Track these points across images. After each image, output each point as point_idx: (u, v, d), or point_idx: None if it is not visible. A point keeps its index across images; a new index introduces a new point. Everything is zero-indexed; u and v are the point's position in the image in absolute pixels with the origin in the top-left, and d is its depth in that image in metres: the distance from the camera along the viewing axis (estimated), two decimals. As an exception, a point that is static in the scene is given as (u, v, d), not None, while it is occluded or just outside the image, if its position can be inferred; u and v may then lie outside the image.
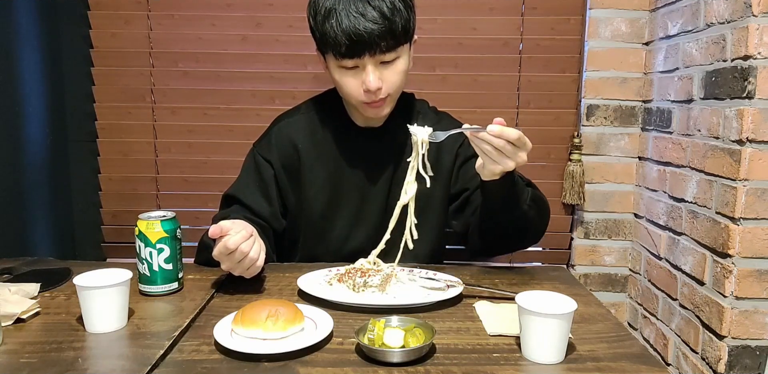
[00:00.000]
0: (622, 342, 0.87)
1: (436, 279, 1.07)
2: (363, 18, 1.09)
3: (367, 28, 1.09)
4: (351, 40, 1.10)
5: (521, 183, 1.15)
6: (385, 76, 1.16)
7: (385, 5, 1.11)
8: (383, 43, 1.11)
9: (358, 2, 1.11)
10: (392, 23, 1.11)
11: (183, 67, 1.83)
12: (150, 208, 1.80)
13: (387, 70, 1.16)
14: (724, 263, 1.30)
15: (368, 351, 0.79)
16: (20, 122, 1.60)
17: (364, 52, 1.11)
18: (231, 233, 0.98)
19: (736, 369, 1.30)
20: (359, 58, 1.12)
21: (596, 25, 1.75)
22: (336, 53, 1.13)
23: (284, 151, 1.30)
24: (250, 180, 1.31)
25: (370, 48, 1.11)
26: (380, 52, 1.12)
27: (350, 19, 1.09)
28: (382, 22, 1.10)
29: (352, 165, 1.29)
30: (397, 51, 1.15)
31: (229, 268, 1.02)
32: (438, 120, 1.35)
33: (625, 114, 1.79)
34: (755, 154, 1.24)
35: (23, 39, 1.62)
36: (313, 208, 1.30)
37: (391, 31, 1.11)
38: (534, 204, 1.16)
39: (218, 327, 0.85)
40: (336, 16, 1.10)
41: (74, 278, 0.87)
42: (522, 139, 1.01)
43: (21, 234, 1.61)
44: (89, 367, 0.76)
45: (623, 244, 1.85)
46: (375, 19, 1.10)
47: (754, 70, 1.22)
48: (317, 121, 1.32)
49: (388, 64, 1.16)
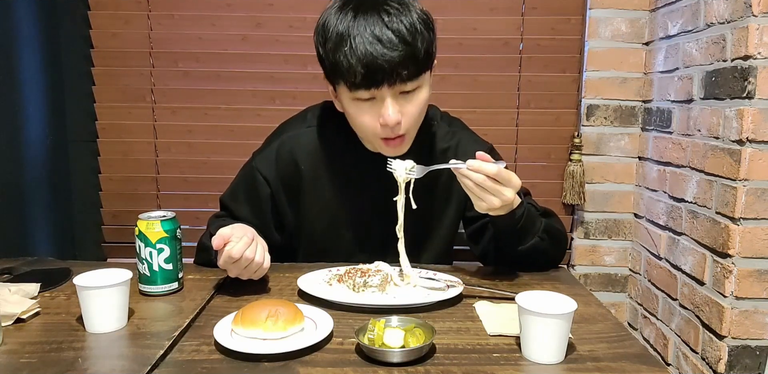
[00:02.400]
0: (622, 342, 0.87)
1: (436, 279, 1.07)
2: (380, 43, 0.98)
3: (386, 55, 0.98)
4: (367, 68, 0.98)
5: (533, 214, 1.11)
6: (405, 109, 1.05)
7: (404, 27, 0.99)
8: (404, 71, 0.99)
9: (374, 25, 0.99)
10: (413, 48, 1.00)
11: (183, 67, 1.83)
12: (150, 208, 1.80)
13: (407, 101, 1.05)
14: (724, 263, 1.30)
15: (368, 351, 0.79)
16: (20, 122, 1.60)
17: (383, 82, 1.00)
18: (233, 239, 0.98)
19: (736, 369, 1.30)
20: (377, 88, 1.01)
21: (596, 25, 1.75)
22: (350, 84, 1.02)
23: (285, 169, 1.21)
24: (243, 194, 1.23)
25: (389, 77, 0.99)
26: (400, 82, 1.01)
27: (366, 45, 0.98)
28: (402, 47, 0.99)
29: (357, 188, 1.19)
30: (419, 79, 1.04)
31: (237, 275, 1.02)
32: (452, 136, 1.25)
33: (625, 114, 1.79)
34: (755, 154, 1.24)
35: (23, 39, 1.62)
36: (313, 229, 1.23)
37: (413, 57, 1.00)
38: (547, 235, 1.12)
39: (218, 327, 0.85)
40: (350, 41, 0.99)
41: (74, 278, 0.87)
42: (503, 174, 0.96)
43: (21, 234, 1.61)
44: (89, 367, 0.76)
45: (623, 244, 1.85)
46: (394, 44, 0.98)
47: (754, 70, 1.22)
48: (323, 137, 1.21)
49: (408, 94, 1.04)
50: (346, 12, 1.02)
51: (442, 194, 1.10)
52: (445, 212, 1.24)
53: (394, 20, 1.00)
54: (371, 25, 0.99)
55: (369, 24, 0.99)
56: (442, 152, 1.22)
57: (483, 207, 1.00)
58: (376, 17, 1.00)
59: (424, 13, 1.05)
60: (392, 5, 1.02)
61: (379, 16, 1.00)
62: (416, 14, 1.03)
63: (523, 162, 1.86)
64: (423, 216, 1.13)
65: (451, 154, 1.22)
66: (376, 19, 1.00)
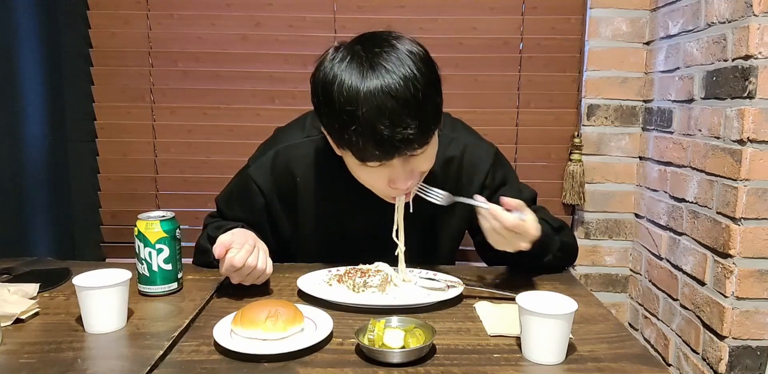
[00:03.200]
0: (622, 342, 0.86)
1: (436, 279, 1.07)
2: (391, 121, 0.91)
3: (399, 135, 0.92)
4: (380, 149, 0.93)
5: (549, 235, 1.09)
6: (417, 166, 1.01)
7: (411, 94, 0.91)
8: (416, 144, 0.95)
9: (383, 98, 0.90)
10: (425, 117, 0.94)
11: (182, 67, 1.82)
12: (149, 208, 1.80)
13: (417, 160, 1.00)
14: (724, 263, 1.30)
15: (368, 351, 0.79)
16: (19, 122, 1.60)
17: (393, 155, 0.95)
18: (234, 246, 0.97)
19: (737, 369, 1.30)
20: (388, 161, 0.96)
21: (597, 24, 1.75)
22: (359, 157, 0.97)
23: (281, 180, 1.17)
24: (238, 201, 1.21)
25: (400, 152, 0.95)
26: (411, 151, 0.96)
27: (377, 126, 0.91)
28: (415, 123, 0.92)
29: (356, 205, 1.14)
30: (430, 141, 0.99)
31: (239, 281, 1.01)
32: (456, 143, 1.20)
33: (625, 114, 1.79)
34: (756, 153, 1.24)
35: (23, 39, 1.61)
36: (310, 241, 1.22)
37: (426, 130, 0.95)
38: (561, 253, 1.14)
39: (218, 328, 0.85)
40: (358, 122, 0.92)
41: (73, 278, 0.87)
42: (519, 228, 0.92)
43: (20, 234, 1.61)
44: (88, 368, 0.76)
45: (624, 244, 1.85)
46: (406, 122, 0.91)
47: (755, 69, 1.21)
48: (321, 149, 1.15)
49: (419, 153, 0.99)
50: (349, 72, 0.93)
51: (445, 208, 1.08)
52: (450, 223, 1.22)
53: (400, 87, 0.91)
54: (379, 95, 0.91)
55: (376, 95, 0.91)
56: (446, 162, 1.18)
57: (496, 247, 0.99)
58: (382, 81, 0.92)
59: (424, 64, 0.96)
60: (393, 61, 0.93)
61: (384, 80, 0.92)
62: (421, 72, 0.94)
63: (523, 162, 1.86)
64: (426, 228, 1.12)
65: (455, 164, 1.18)
66: (382, 84, 0.91)
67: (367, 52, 0.94)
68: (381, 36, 0.99)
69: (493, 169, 1.19)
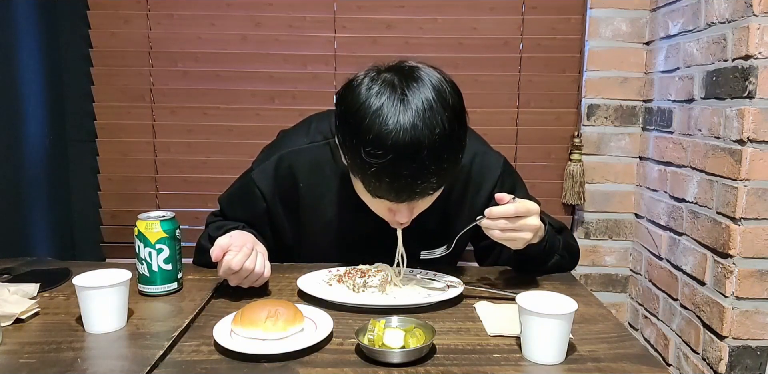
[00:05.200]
0: (622, 342, 0.86)
1: (437, 279, 1.07)
2: (413, 176, 0.90)
3: (417, 188, 0.92)
4: (393, 193, 0.93)
5: (552, 234, 1.09)
6: (420, 206, 1.00)
7: (438, 151, 0.89)
8: (431, 192, 0.96)
9: (412, 151, 0.88)
10: (446, 173, 0.94)
11: (182, 67, 1.82)
12: (149, 208, 1.79)
13: (425, 200, 0.99)
14: (724, 263, 1.30)
15: (368, 351, 0.79)
16: (20, 122, 1.60)
17: (404, 201, 0.96)
18: (232, 249, 0.97)
19: (737, 369, 1.30)
20: (396, 203, 0.97)
21: (597, 24, 1.75)
22: (368, 191, 0.97)
23: (283, 185, 1.16)
24: (240, 205, 1.20)
25: (411, 199, 0.95)
26: (422, 198, 0.97)
27: (397, 174, 0.90)
28: (435, 178, 0.92)
29: (359, 211, 1.09)
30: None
31: (237, 284, 1.01)
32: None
33: (625, 114, 1.79)
34: (756, 153, 1.24)
35: (23, 39, 1.62)
36: (313, 247, 1.21)
37: (442, 182, 0.96)
38: (566, 252, 1.14)
39: (218, 328, 0.85)
40: (380, 165, 0.89)
41: (73, 278, 0.87)
42: (520, 209, 0.94)
43: (20, 235, 1.61)
44: (88, 368, 0.76)
45: (624, 244, 1.85)
46: (427, 176, 0.91)
47: (755, 69, 1.21)
48: (325, 156, 1.15)
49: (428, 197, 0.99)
50: (384, 113, 0.89)
51: (452, 216, 1.07)
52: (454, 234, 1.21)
53: (430, 142, 0.89)
54: (408, 147, 0.88)
55: (406, 146, 0.88)
56: None
57: (519, 245, 0.99)
58: (413, 132, 0.88)
59: (457, 117, 0.94)
60: (428, 111, 0.90)
61: (416, 131, 0.88)
62: (453, 127, 0.92)
63: (523, 162, 1.86)
64: (430, 239, 1.10)
65: (464, 171, 1.16)
66: (413, 136, 0.88)
67: (404, 92, 0.91)
68: (419, 73, 0.95)
69: (502, 178, 1.19)
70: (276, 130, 1.32)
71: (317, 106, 1.71)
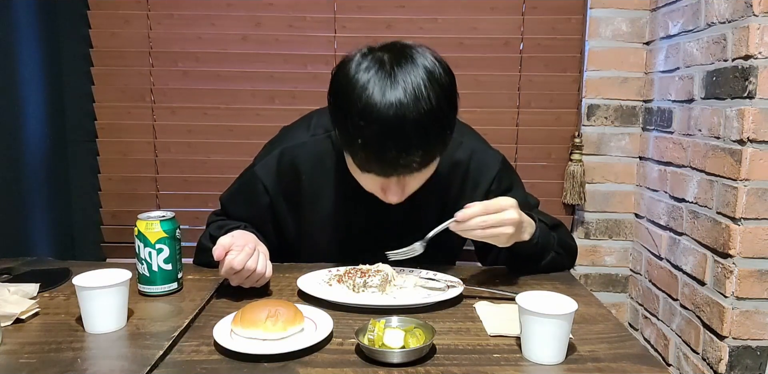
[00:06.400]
0: (622, 342, 0.86)
1: (436, 279, 1.07)
2: (398, 148, 0.91)
3: (402, 160, 0.93)
4: (380, 167, 0.95)
5: (545, 231, 1.10)
6: (409, 185, 1.01)
7: (423, 123, 0.91)
8: (415, 170, 0.97)
9: (395, 122, 0.90)
10: (432, 147, 0.95)
11: (183, 67, 1.82)
12: (149, 208, 1.80)
13: (412, 179, 1.00)
14: (724, 263, 1.30)
15: (368, 351, 0.79)
16: (20, 122, 1.60)
17: (391, 175, 0.97)
18: (234, 249, 0.97)
19: (737, 369, 1.30)
20: (384, 177, 0.98)
21: (597, 24, 1.75)
22: (357, 166, 0.99)
23: (286, 179, 1.17)
24: (243, 201, 1.21)
25: (398, 173, 0.97)
26: (408, 174, 0.98)
27: (383, 147, 0.91)
28: (420, 152, 0.93)
29: (362, 204, 1.11)
30: (429, 166, 1.00)
31: (238, 284, 1.01)
32: (463, 148, 1.18)
33: (625, 114, 1.79)
34: (756, 153, 1.24)
35: (23, 39, 1.62)
36: (315, 241, 1.21)
37: (429, 158, 0.97)
38: (562, 249, 1.14)
39: (218, 328, 0.85)
40: (366, 138, 0.92)
41: (73, 278, 0.87)
42: (490, 207, 0.95)
43: (20, 234, 1.61)
44: (88, 368, 0.76)
45: (624, 244, 1.85)
46: (412, 149, 0.92)
47: (755, 69, 1.21)
48: (326, 148, 1.16)
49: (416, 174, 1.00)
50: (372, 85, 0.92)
51: (449, 212, 1.07)
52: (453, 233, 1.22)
53: (415, 114, 0.90)
54: (392, 119, 0.90)
55: (390, 117, 0.90)
56: (453, 166, 1.16)
57: (504, 240, 0.99)
58: (399, 104, 0.90)
59: (446, 93, 0.96)
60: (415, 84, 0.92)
61: (402, 103, 0.90)
62: (440, 103, 0.93)
63: (523, 162, 1.86)
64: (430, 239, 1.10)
65: (462, 168, 1.17)
66: (398, 107, 0.90)
67: (392, 68, 0.93)
68: (410, 51, 0.97)
69: (499, 176, 1.19)
70: (276, 130, 1.31)
71: (317, 106, 1.68)
